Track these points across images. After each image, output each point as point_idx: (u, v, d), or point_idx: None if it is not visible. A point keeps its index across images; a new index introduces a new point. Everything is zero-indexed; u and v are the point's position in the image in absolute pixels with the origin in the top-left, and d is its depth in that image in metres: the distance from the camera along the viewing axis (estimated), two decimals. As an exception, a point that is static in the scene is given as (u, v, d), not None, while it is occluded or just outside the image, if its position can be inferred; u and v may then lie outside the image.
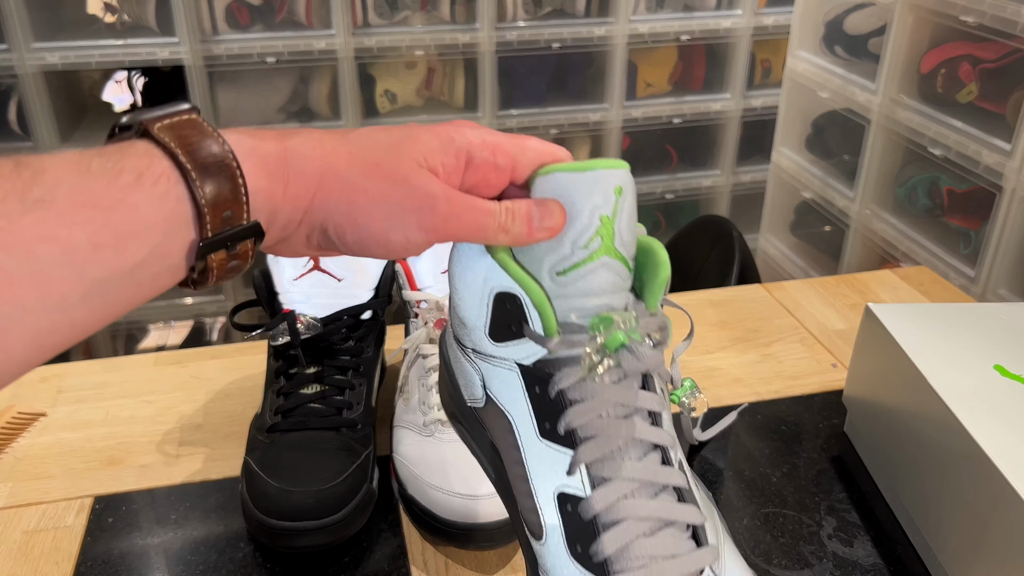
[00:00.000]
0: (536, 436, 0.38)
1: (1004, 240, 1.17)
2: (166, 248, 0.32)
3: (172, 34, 1.63)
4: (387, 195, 0.35)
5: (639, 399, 0.37)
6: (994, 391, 0.56)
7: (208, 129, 0.33)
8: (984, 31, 1.20)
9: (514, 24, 1.80)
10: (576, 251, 0.37)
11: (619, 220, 0.37)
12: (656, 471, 0.37)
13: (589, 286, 0.37)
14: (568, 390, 0.37)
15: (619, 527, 0.35)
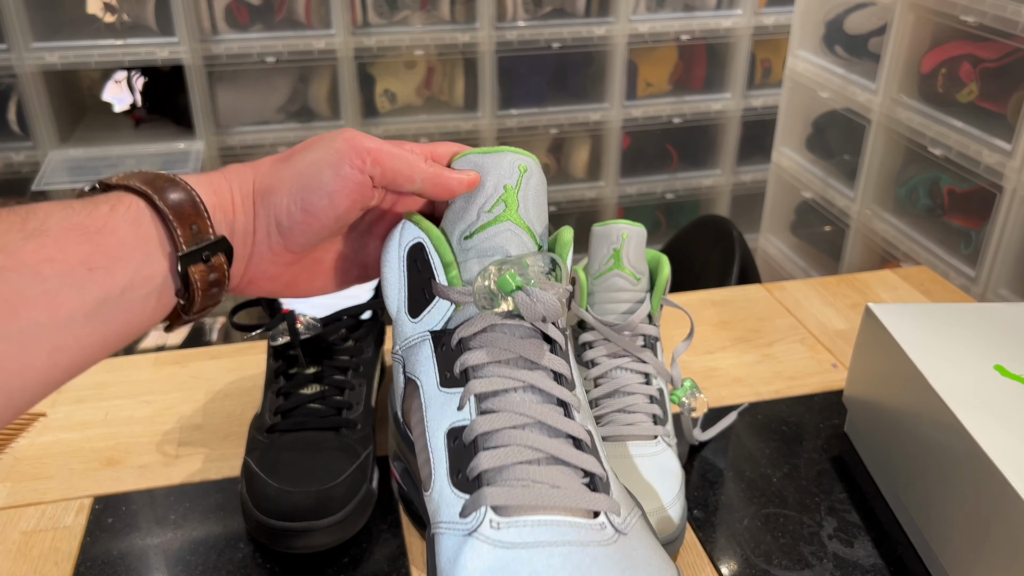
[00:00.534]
0: (437, 388, 0.40)
1: (1004, 240, 1.17)
2: (149, 270, 0.37)
3: (172, 34, 1.63)
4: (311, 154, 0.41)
5: (544, 356, 0.39)
6: (994, 391, 0.56)
7: (158, 171, 0.39)
8: (984, 31, 1.20)
9: (514, 24, 1.80)
10: (481, 215, 0.41)
11: (524, 192, 0.41)
12: (556, 419, 0.38)
13: (493, 246, 0.40)
14: (468, 338, 0.39)
15: (500, 450, 0.36)
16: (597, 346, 0.63)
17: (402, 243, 0.42)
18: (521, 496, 0.35)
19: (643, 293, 0.63)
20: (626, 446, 0.59)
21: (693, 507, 0.63)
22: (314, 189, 0.40)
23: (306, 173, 0.40)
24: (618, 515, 0.36)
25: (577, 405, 0.39)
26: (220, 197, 0.40)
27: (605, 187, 2.02)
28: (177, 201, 0.38)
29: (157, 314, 0.38)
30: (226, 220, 0.40)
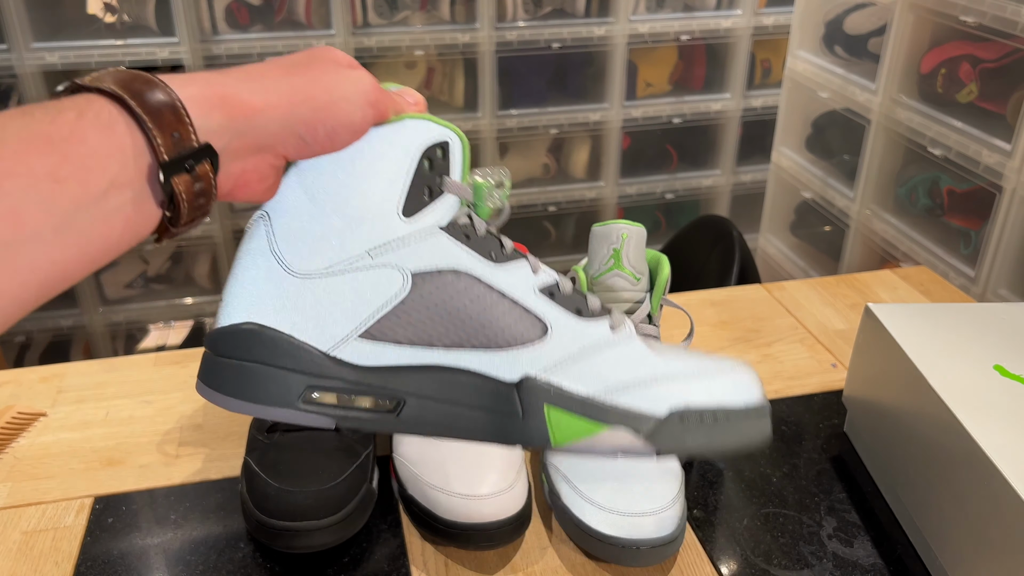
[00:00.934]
0: (493, 267, 0.43)
1: (1004, 240, 1.17)
2: (126, 176, 0.34)
3: (172, 34, 1.63)
4: (340, 84, 0.40)
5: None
6: (994, 391, 0.56)
7: (137, 72, 0.36)
8: (984, 31, 1.20)
9: (514, 24, 1.80)
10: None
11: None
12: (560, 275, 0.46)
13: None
14: (490, 227, 0.44)
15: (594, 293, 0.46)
16: (597, 346, 0.63)
17: (415, 141, 0.42)
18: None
19: (643, 293, 0.63)
20: (626, 446, 0.59)
21: (693, 507, 0.63)
22: (342, 120, 0.40)
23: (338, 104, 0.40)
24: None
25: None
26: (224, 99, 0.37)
27: (605, 187, 2.02)
28: (155, 106, 0.34)
29: (140, 227, 0.36)
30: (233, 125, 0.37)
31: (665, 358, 0.44)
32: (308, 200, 0.41)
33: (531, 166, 2.01)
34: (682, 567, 0.58)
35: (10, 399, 0.75)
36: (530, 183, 2.01)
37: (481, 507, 0.55)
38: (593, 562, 0.58)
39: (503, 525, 0.55)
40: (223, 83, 0.37)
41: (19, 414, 0.72)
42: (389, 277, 0.41)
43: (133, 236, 0.35)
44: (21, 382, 0.77)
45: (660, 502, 0.56)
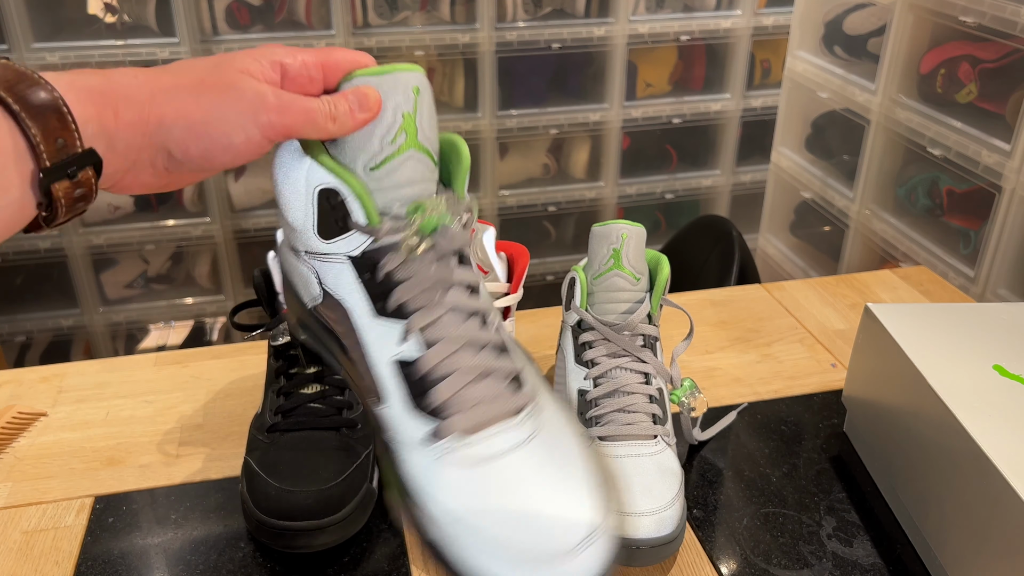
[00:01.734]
0: (371, 316, 0.42)
1: (1004, 240, 1.17)
2: (5, 181, 0.33)
3: (172, 34, 1.63)
4: (220, 102, 0.38)
5: (456, 274, 0.42)
6: (993, 391, 0.56)
7: (23, 69, 0.35)
8: (984, 31, 1.20)
9: (514, 24, 1.80)
10: (385, 147, 0.41)
11: (420, 117, 0.41)
12: (477, 333, 0.42)
13: (401, 178, 0.41)
14: (394, 271, 0.41)
15: (449, 379, 0.41)
16: (597, 346, 0.63)
17: (310, 183, 0.41)
18: (474, 417, 0.41)
19: (643, 293, 0.63)
20: (625, 445, 0.59)
21: (692, 506, 0.63)
22: (218, 141, 0.38)
23: (213, 123, 0.38)
24: (534, 400, 0.43)
25: (488, 308, 0.44)
26: (99, 108, 0.36)
27: (605, 187, 2.02)
28: (40, 110, 0.34)
29: (11, 225, 0.35)
30: (104, 133, 0.36)
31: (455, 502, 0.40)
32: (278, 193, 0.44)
33: (531, 166, 2.01)
34: (682, 567, 0.58)
35: (10, 399, 0.75)
36: (530, 183, 2.00)
37: (481, 507, 0.55)
38: (593, 562, 0.58)
39: (503, 525, 0.55)
40: (107, 86, 0.37)
41: (19, 414, 0.72)
42: (313, 280, 0.44)
43: (3, 234, 0.35)
44: (22, 382, 0.78)
45: (660, 502, 0.56)
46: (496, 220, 1.97)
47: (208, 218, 1.80)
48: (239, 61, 0.39)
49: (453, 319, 0.42)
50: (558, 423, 0.44)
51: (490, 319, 0.43)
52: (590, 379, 0.62)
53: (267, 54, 0.40)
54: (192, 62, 0.40)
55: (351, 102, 0.40)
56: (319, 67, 0.41)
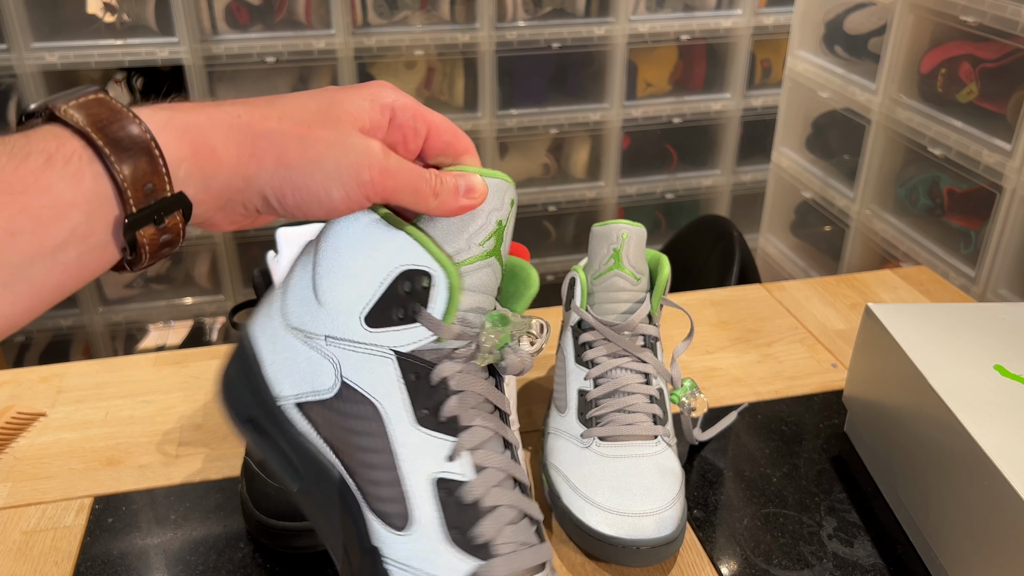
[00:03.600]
0: (412, 424, 0.38)
1: (1004, 240, 1.17)
2: (88, 228, 0.32)
3: (171, 34, 1.63)
4: (325, 155, 0.36)
5: (494, 396, 0.40)
6: (994, 391, 0.56)
7: (117, 105, 0.33)
8: (984, 31, 1.20)
9: (514, 24, 1.80)
10: (472, 246, 0.38)
11: (507, 229, 0.40)
12: (511, 465, 0.39)
13: (476, 282, 0.39)
14: (450, 379, 0.38)
15: (496, 512, 0.37)
16: (597, 346, 0.63)
17: (396, 259, 0.37)
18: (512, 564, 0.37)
19: (643, 293, 0.63)
20: (626, 446, 0.59)
21: (693, 507, 0.63)
22: (317, 195, 0.36)
23: (314, 176, 0.36)
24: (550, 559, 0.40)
25: (517, 441, 0.41)
26: (195, 147, 0.34)
27: (605, 187, 2.02)
28: (131, 152, 0.32)
29: (96, 270, 0.34)
30: (199, 174, 0.34)
31: None
32: (308, 258, 0.40)
33: (531, 166, 2.00)
34: (682, 567, 0.58)
35: (10, 399, 0.75)
36: (530, 183, 2.00)
37: (481, 507, 0.55)
38: (593, 562, 0.58)
39: (503, 525, 0.55)
40: (207, 124, 0.35)
41: (19, 414, 0.72)
42: (328, 370, 0.39)
43: (87, 279, 0.34)
44: (21, 382, 0.77)
45: (660, 502, 0.56)
46: (496, 220, 1.97)
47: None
48: (352, 104, 0.37)
49: (496, 445, 0.39)
50: None
51: (519, 453, 0.41)
52: (590, 379, 0.62)
53: (379, 95, 0.38)
54: (302, 100, 0.37)
55: (459, 183, 0.38)
56: (425, 121, 0.39)
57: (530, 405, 0.74)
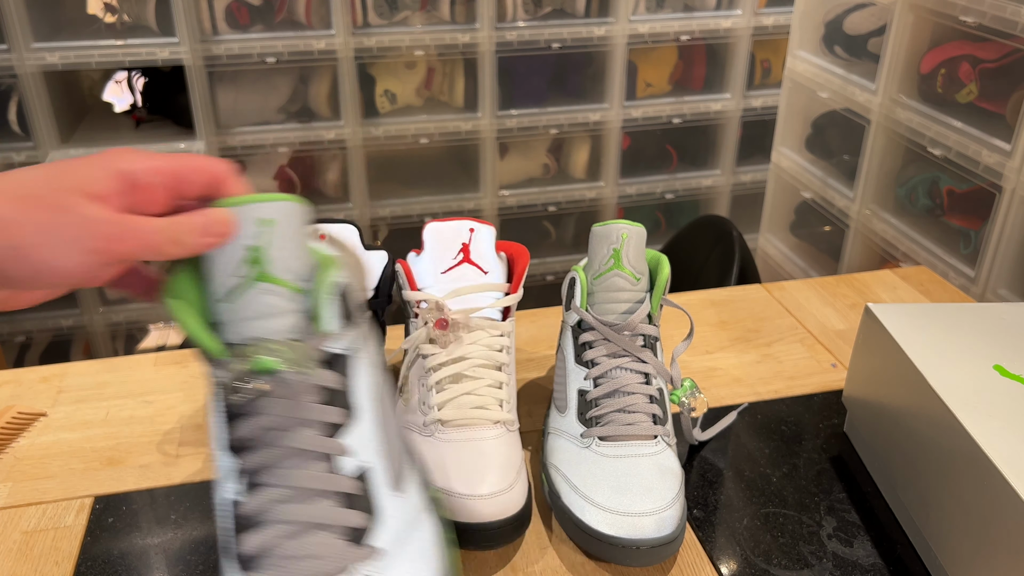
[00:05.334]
0: (221, 447, 0.40)
1: (1004, 240, 1.17)
2: None
3: (172, 34, 1.63)
4: (50, 226, 0.36)
5: (313, 412, 0.40)
6: (994, 391, 0.56)
7: None
8: (984, 31, 1.20)
9: (514, 24, 1.80)
10: (230, 279, 0.39)
11: (273, 249, 0.39)
12: (317, 478, 0.39)
13: (248, 311, 0.40)
14: (239, 405, 0.39)
15: (263, 529, 0.38)
16: (597, 346, 0.63)
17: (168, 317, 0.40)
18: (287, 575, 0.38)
19: (643, 293, 0.63)
20: (626, 446, 0.59)
21: (693, 507, 0.63)
22: (43, 266, 0.36)
23: (36, 248, 0.36)
24: (369, 559, 0.39)
25: (342, 452, 0.40)
26: None
27: (605, 187, 2.02)
28: None
29: None
30: None
31: None
32: None
33: (531, 166, 2.01)
34: (682, 567, 0.58)
35: (10, 399, 0.75)
36: (530, 183, 2.00)
37: (481, 507, 0.55)
38: (593, 562, 0.58)
39: (503, 525, 0.55)
40: None
41: (19, 414, 0.72)
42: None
43: None
44: (21, 382, 0.78)
45: (660, 502, 0.56)
46: (496, 220, 1.97)
47: None
48: (77, 175, 0.37)
49: (294, 462, 0.39)
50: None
51: (345, 461, 0.40)
52: (590, 379, 0.62)
53: (112, 163, 0.38)
54: (25, 173, 0.37)
55: (199, 224, 0.39)
56: (173, 175, 0.39)
57: (530, 405, 0.74)
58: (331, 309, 0.40)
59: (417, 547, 0.41)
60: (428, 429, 0.60)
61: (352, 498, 0.40)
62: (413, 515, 0.42)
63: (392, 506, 0.41)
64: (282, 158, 1.84)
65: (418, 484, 0.44)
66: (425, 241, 0.66)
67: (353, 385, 0.41)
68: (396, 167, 1.96)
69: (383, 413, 0.42)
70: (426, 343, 0.62)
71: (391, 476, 0.41)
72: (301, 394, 0.39)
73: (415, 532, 0.42)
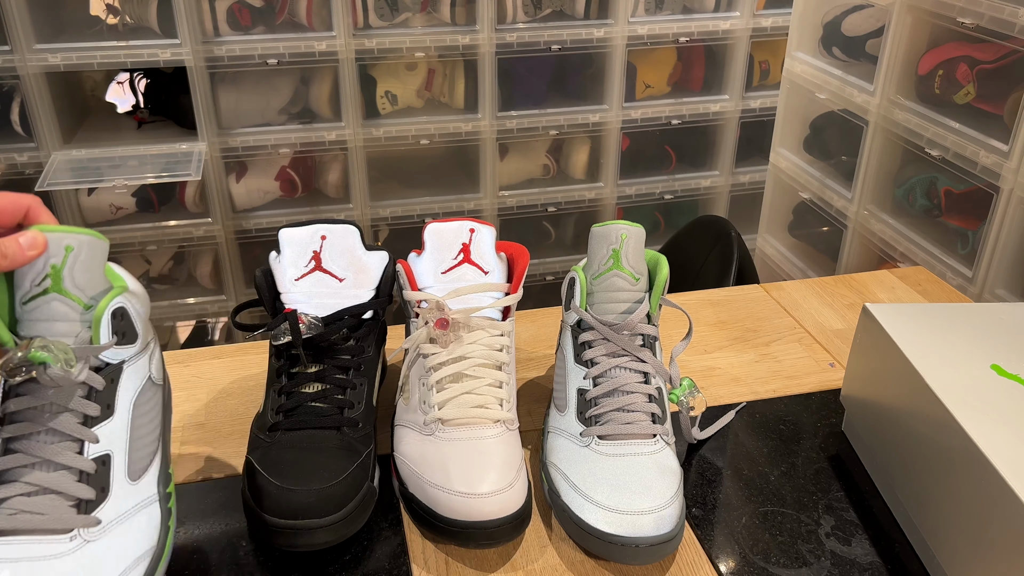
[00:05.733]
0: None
1: (1001, 240, 1.17)
2: None
3: (174, 35, 1.63)
4: None
5: (75, 403, 0.49)
6: (991, 390, 0.57)
7: None
8: (981, 32, 1.20)
9: (514, 26, 1.81)
10: (33, 287, 0.49)
11: (71, 269, 0.49)
12: (62, 454, 0.48)
13: (42, 315, 0.49)
14: (16, 386, 0.48)
15: (5, 486, 0.47)
16: (596, 345, 0.63)
17: None
18: (14, 522, 0.46)
19: (642, 293, 0.64)
20: (625, 444, 0.60)
21: (691, 505, 0.63)
22: None
23: None
24: (97, 525, 0.47)
25: (90, 438, 0.49)
26: None
27: (604, 188, 2.02)
28: None
29: None
30: None
31: None
32: None
33: (531, 167, 2.01)
34: (681, 565, 0.58)
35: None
36: (530, 184, 2.01)
37: (481, 505, 0.56)
38: (592, 560, 0.58)
39: (503, 523, 0.56)
40: None
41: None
42: None
43: None
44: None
45: (659, 500, 0.56)
46: (496, 220, 1.98)
47: (210, 219, 1.80)
48: None
49: (47, 438, 0.48)
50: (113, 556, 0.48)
51: (91, 447, 0.49)
52: (589, 378, 0.62)
53: None
54: None
55: (22, 242, 0.48)
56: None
57: (530, 404, 0.74)
58: (107, 326, 0.50)
59: (136, 527, 0.50)
60: (429, 428, 0.60)
61: (88, 476, 0.48)
62: (141, 502, 0.50)
63: (123, 491, 0.49)
64: (283, 159, 1.84)
65: (157, 479, 0.52)
66: (425, 241, 0.66)
67: (116, 389, 0.50)
68: (397, 168, 1.97)
69: (136, 417, 0.51)
70: (427, 343, 0.63)
71: (128, 467, 0.50)
72: (68, 387, 0.48)
73: (138, 515, 0.50)
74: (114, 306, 0.50)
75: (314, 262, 0.65)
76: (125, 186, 1.71)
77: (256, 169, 1.83)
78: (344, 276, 0.65)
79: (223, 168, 1.76)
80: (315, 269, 0.65)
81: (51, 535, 0.46)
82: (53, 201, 1.69)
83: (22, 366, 0.47)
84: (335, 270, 0.65)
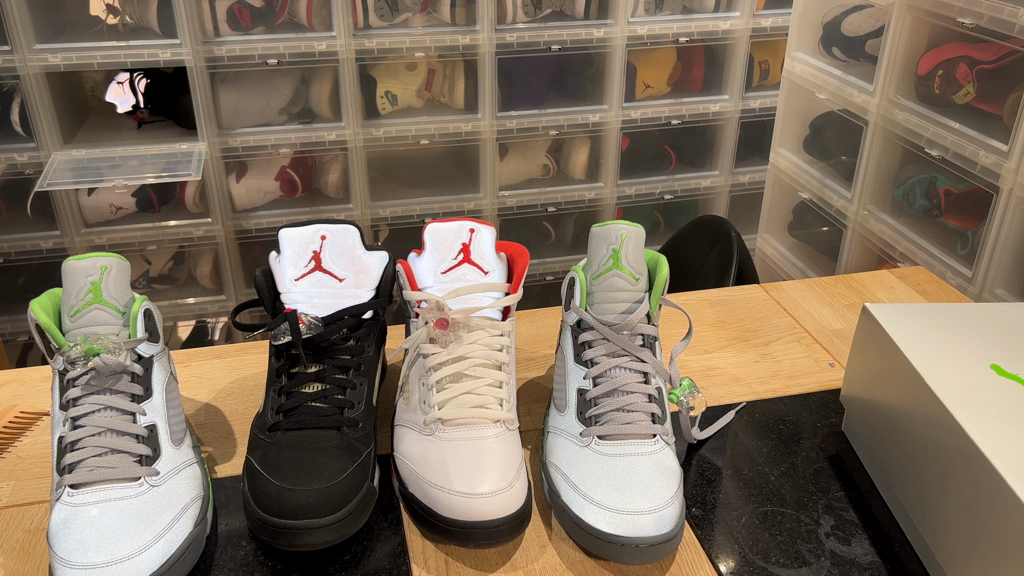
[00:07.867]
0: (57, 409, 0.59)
1: (1001, 240, 1.17)
2: None
3: (174, 36, 1.63)
4: None
5: (123, 385, 0.59)
6: (991, 390, 0.57)
7: None
8: (981, 32, 1.21)
9: (514, 26, 1.81)
10: (79, 302, 0.60)
11: (105, 285, 0.60)
12: (122, 423, 0.58)
13: (88, 321, 0.60)
14: (72, 379, 0.59)
15: (79, 450, 0.57)
16: (596, 345, 0.63)
17: (31, 321, 0.59)
18: (89, 476, 0.56)
19: (642, 293, 0.64)
20: (625, 444, 0.60)
21: (691, 505, 0.63)
22: None
23: None
24: (157, 475, 0.58)
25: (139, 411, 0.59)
26: None
27: (604, 188, 2.02)
28: None
29: None
30: None
31: None
32: None
33: (531, 167, 2.01)
34: (681, 565, 0.58)
35: (13, 399, 0.75)
36: (530, 184, 2.01)
37: (481, 505, 0.56)
38: (592, 560, 0.58)
39: (503, 523, 0.56)
40: None
41: (22, 413, 0.72)
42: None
43: None
44: (24, 381, 0.78)
45: (659, 500, 0.56)
46: (496, 220, 1.98)
47: (210, 219, 1.80)
48: None
49: (105, 414, 0.58)
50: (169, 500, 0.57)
51: (141, 418, 0.59)
52: (589, 378, 0.62)
53: None
54: None
55: None
56: None
57: (530, 404, 0.74)
58: (140, 323, 0.61)
59: (186, 478, 0.59)
60: (429, 428, 0.60)
61: (144, 439, 0.58)
62: (184, 461, 0.60)
63: (170, 452, 0.59)
64: (283, 159, 1.84)
65: (190, 445, 0.62)
66: (425, 241, 0.66)
67: (151, 376, 0.61)
68: (397, 168, 1.97)
69: (168, 400, 0.61)
70: (426, 343, 0.63)
71: (169, 434, 0.60)
72: (116, 373, 0.59)
73: (186, 470, 0.60)
74: (144, 308, 0.62)
75: (314, 262, 0.65)
76: (125, 186, 1.71)
77: (256, 169, 1.83)
78: (344, 276, 0.65)
79: (223, 168, 1.76)
80: (315, 269, 0.65)
81: (124, 482, 0.56)
82: (53, 201, 1.69)
83: (81, 358, 0.58)
84: (335, 270, 0.65)
